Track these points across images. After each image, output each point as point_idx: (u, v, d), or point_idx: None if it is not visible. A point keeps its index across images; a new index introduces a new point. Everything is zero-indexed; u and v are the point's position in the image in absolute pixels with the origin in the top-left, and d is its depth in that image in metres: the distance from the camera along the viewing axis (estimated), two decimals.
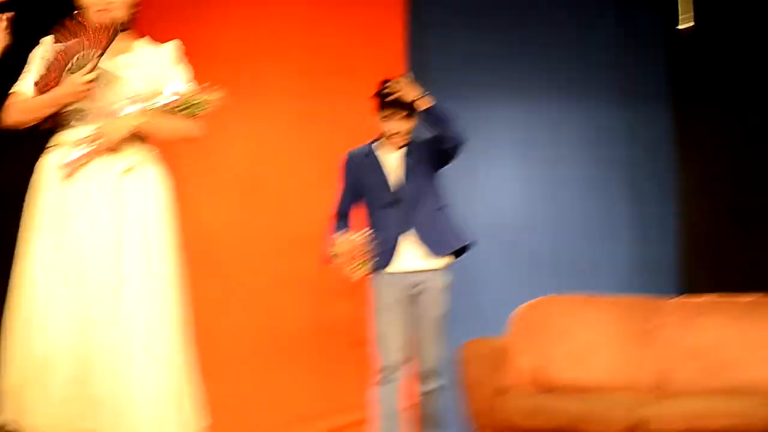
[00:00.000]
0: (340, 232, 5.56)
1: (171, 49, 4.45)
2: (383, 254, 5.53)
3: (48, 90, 4.23)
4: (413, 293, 5.53)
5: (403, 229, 5.55)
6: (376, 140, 5.73)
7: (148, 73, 4.34)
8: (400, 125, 5.62)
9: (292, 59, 6.82)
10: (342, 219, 5.71)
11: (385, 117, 5.63)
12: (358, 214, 5.74)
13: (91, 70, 4.17)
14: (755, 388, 5.58)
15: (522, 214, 7.09)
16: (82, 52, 4.20)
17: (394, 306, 5.50)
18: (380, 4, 6.91)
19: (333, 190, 5.88)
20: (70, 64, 4.21)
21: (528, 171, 7.14)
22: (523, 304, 6.10)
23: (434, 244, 5.56)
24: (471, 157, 6.16)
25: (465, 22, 7.09)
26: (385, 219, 5.58)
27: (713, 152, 6.89)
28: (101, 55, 4.20)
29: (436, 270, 5.54)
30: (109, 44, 4.20)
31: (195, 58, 6.29)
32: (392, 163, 5.68)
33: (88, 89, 4.18)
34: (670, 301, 6.09)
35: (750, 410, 5.17)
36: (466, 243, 5.62)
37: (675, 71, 7.11)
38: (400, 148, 5.66)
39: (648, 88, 7.15)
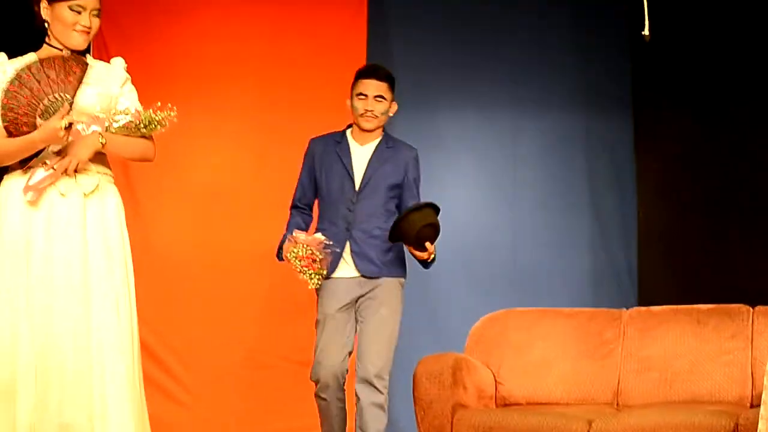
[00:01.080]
0: (297, 230, 5.33)
1: (120, 65, 4.45)
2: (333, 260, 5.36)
3: (20, 133, 4.19)
4: (358, 299, 5.38)
5: (353, 234, 5.38)
6: (343, 129, 5.54)
7: (102, 91, 4.35)
8: (374, 105, 5.41)
9: (250, 73, 6.90)
10: (300, 211, 5.53)
11: (358, 94, 5.43)
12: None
13: (66, 114, 4.14)
14: (711, 399, 5.63)
15: (481, 225, 7.15)
16: (53, 95, 4.17)
17: (336, 316, 5.34)
18: (341, 15, 6.96)
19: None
20: (41, 106, 4.18)
21: (487, 180, 7.20)
22: (480, 319, 6.13)
23: (365, 267, 5.39)
24: (430, 168, 6.22)
25: (426, 33, 7.16)
26: (337, 216, 5.42)
27: (673, 160, 6.96)
28: (74, 97, 4.18)
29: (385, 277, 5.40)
30: (80, 84, 4.20)
31: (153, 73, 6.35)
32: (361, 155, 5.48)
33: (66, 136, 4.16)
34: (627, 311, 6.13)
35: (706, 422, 5.21)
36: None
37: (635, 78, 7.17)
38: (371, 140, 5.45)
39: (607, 95, 7.22)
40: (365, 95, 5.40)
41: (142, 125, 4.28)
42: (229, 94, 6.86)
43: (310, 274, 5.22)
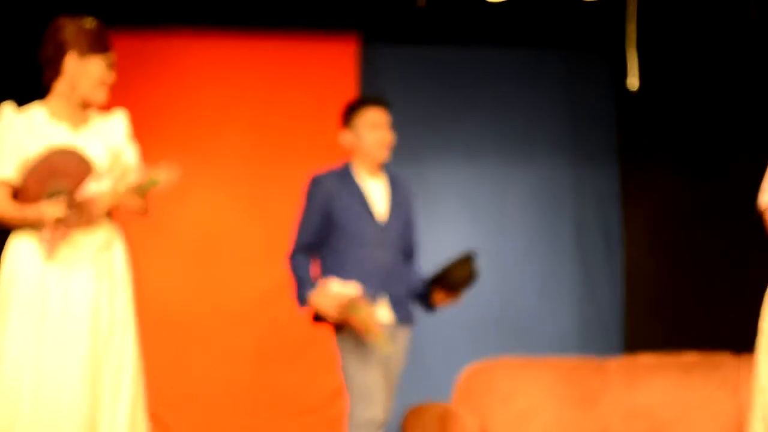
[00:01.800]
0: (330, 281, 4.87)
1: (123, 119, 4.46)
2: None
3: (24, 198, 4.22)
4: None
5: (386, 279, 5.02)
6: (344, 165, 5.15)
7: (109, 144, 4.36)
8: (390, 135, 5.12)
9: (241, 121, 6.96)
10: (305, 255, 5.04)
11: (372, 124, 5.10)
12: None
13: (64, 207, 4.17)
14: None
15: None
16: (62, 183, 4.20)
17: (377, 357, 4.93)
18: (333, 65, 7.03)
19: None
20: (49, 186, 4.20)
21: (474, 229, 7.25)
22: (467, 368, 6.18)
23: (402, 311, 5.07)
24: (418, 215, 6.27)
25: (415, 82, 7.23)
26: (363, 262, 5.01)
27: (660, 210, 7.04)
28: (74, 195, 4.21)
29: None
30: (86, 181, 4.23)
31: (143, 121, 6.41)
32: (376, 191, 5.13)
33: (56, 224, 4.19)
34: (614, 361, 6.21)
35: None
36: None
37: (622, 128, 7.25)
38: (379, 174, 5.14)
39: (595, 144, 7.30)
40: (379, 125, 5.11)
41: (146, 185, 4.30)
42: (220, 143, 6.92)
43: (376, 332, 4.83)
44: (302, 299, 4.93)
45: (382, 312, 4.98)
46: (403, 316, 5.07)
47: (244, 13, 6.84)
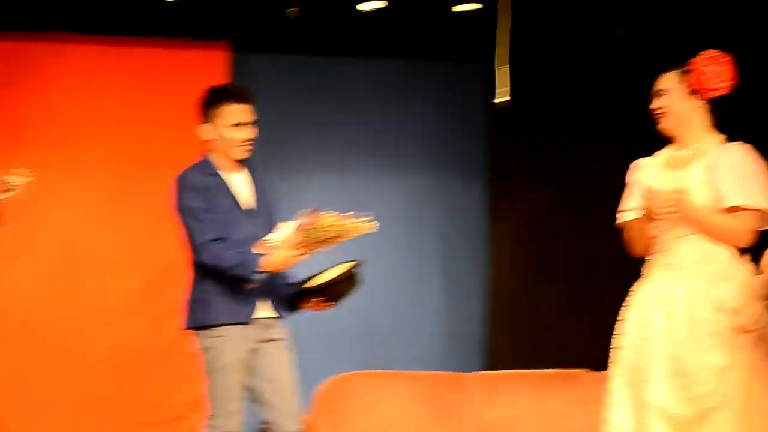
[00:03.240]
0: (265, 240, 4.99)
1: None
2: (239, 300, 5.07)
3: None
4: (263, 342, 5.14)
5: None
6: (204, 160, 5.23)
7: None
8: (252, 132, 5.20)
9: (111, 132, 6.96)
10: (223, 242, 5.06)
11: (238, 124, 5.15)
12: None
13: None
14: None
15: None
16: None
17: (243, 363, 5.09)
18: (202, 75, 6.99)
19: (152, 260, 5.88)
20: None
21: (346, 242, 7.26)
22: (326, 381, 6.21)
23: (281, 305, 5.18)
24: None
25: (285, 92, 7.27)
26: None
27: (525, 225, 7.18)
28: None
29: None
30: None
31: (9, 131, 6.34)
32: (239, 185, 5.22)
33: None
34: (473, 375, 6.33)
35: None
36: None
37: (491, 141, 7.35)
38: (241, 169, 5.22)
39: (465, 158, 7.39)
40: (242, 123, 5.17)
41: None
42: (86, 150, 6.93)
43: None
44: (253, 272, 4.96)
45: (265, 311, 5.08)
46: (281, 310, 5.18)
47: (113, 20, 6.88)
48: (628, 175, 4.90)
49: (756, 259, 4.67)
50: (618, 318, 4.77)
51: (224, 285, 5.06)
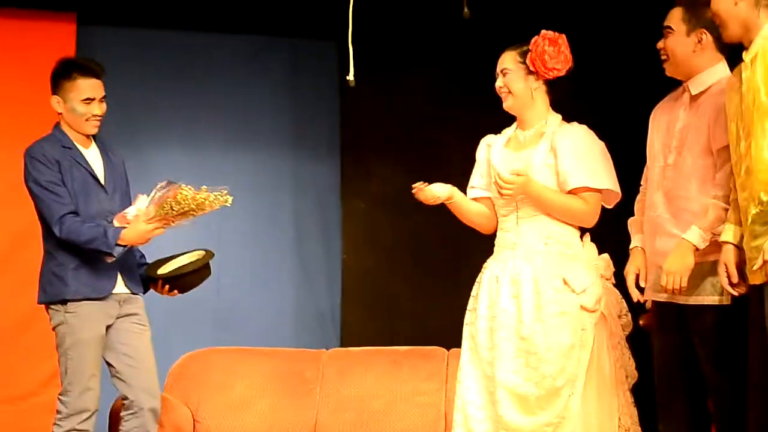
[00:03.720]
0: (125, 212, 5.02)
1: None
2: (94, 275, 5.07)
3: None
4: (119, 318, 5.17)
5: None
6: (56, 133, 5.20)
7: None
8: (102, 107, 5.19)
9: None
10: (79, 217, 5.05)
11: (88, 99, 5.14)
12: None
13: None
14: None
15: None
16: None
17: (99, 339, 5.10)
18: (49, 47, 6.89)
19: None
20: None
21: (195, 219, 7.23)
22: (181, 357, 6.19)
23: (134, 281, 5.23)
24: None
25: (136, 67, 7.20)
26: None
27: (377, 204, 7.26)
28: None
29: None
30: None
31: None
32: (92, 159, 5.22)
33: None
34: (327, 352, 6.36)
35: None
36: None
37: (343, 120, 7.40)
38: (91, 143, 5.22)
39: (317, 136, 7.43)
40: (92, 99, 5.17)
41: None
42: None
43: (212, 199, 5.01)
44: (111, 245, 4.96)
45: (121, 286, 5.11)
46: (135, 286, 5.23)
47: None
48: (477, 152, 5.02)
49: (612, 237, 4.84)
50: (470, 294, 4.88)
51: (79, 260, 5.05)
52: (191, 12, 7.17)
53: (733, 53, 4.37)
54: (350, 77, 5.42)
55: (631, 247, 4.78)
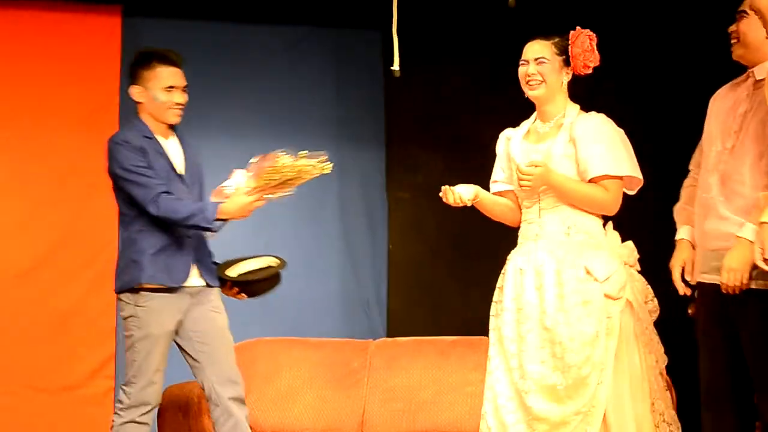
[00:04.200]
0: (223, 186, 5.04)
1: None
2: (171, 264, 5.07)
3: None
4: (194, 308, 5.16)
5: (196, 239, 5.14)
6: (137, 123, 5.19)
7: None
8: (184, 96, 5.21)
9: (3, 95, 6.87)
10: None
11: (170, 87, 5.16)
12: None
13: None
14: (454, 429, 5.95)
15: (233, 252, 7.17)
16: None
17: (168, 334, 5.10)
18: (95, 39, 6.99)
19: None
20: None
21: None
22: None
23: (210, 274, 5.21)
24: None
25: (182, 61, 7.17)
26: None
27: (423, 194, 7.23)
28: None
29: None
30: None
31: None
32: (172, 150, 5.21)
33: None
34: (374, 342, 6.38)
35: None
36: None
37: (388, 111, 7.40)
38: (171, 135, 5.23)
39: (362, 126, 7.43)
40: (174, 87, 5.18)
41: None
42: None
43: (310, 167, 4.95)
44: (211, 219, 4.96)
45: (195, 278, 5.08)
46: (211, 278, 5.20)
47: None
48: (496, 145, 5.04)
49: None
50: (496, 285, 4.89)
51: (158, 246, 5.04)
52: (235, 3, 7.19)
53: None
54: (395, 67, 5.44)
55: (677, 238, 4.76)
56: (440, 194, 4.88)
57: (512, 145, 4.94)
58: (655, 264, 4.88)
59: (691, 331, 4.69)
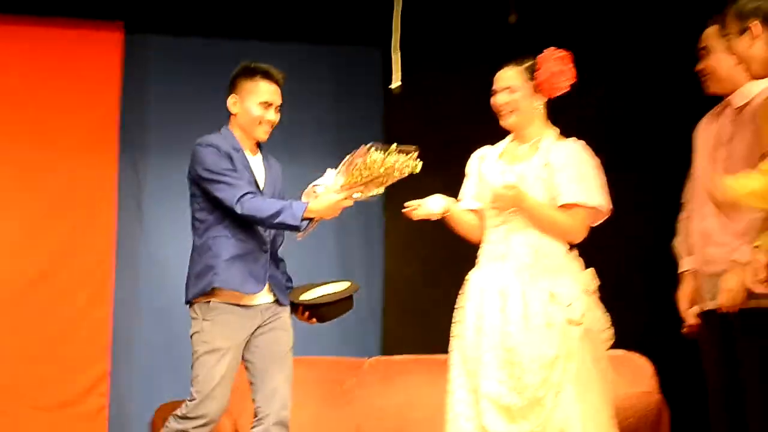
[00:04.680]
0: (313, 186, 5.02)
1: None
2: (249, 272, 5.01)
3: None
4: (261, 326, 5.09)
5: (271, 255, 5.10)
6: (227, 132, 5.17)
7: None
8: (276, 117, 5.18)
9: (4, 110, 6.88)
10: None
11: (264, 103, 5.13)
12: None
13: None
14: None
15: None
16: None
17: (236, 348, 5.03)
18: (96, 54, 7.00)
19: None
20: None
21: None
22: None
23: (282, 293, 5.15)
24: (181, 215, 6.26)
25: (180, 76, 7.25)
26: (255, 233, 5.05)
27: None
28: None
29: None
30: None
31: None
32: (257, 166, 5.18)
33: None
34: (369, 360, 6.36)
35: None
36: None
37: (387, 127, 7.39)
38: (257, 152, 5.20)
39: (360, 142, 7.36)
40: (270, 104, 5.16)
41: None
42: None
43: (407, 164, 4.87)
44: (298, 217, 4.89)
45: (266, 295, 5.03)
46: (283, 297, 5.14)
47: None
48: (468, 164, 5.02)
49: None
50: (456, 306, 4.86)
51: (234, 252, 4.96)
52: (235, 21, 7.20)
53: None
54: (395, 85, 5.43)
55: (680, 271, 4.75)
56: (403, 211, 4.86)
57: (485, 165, 4.96)
58: (612, 293, 4.88)
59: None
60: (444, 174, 7.19)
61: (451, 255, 7.20)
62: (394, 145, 4.87)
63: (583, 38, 6.57)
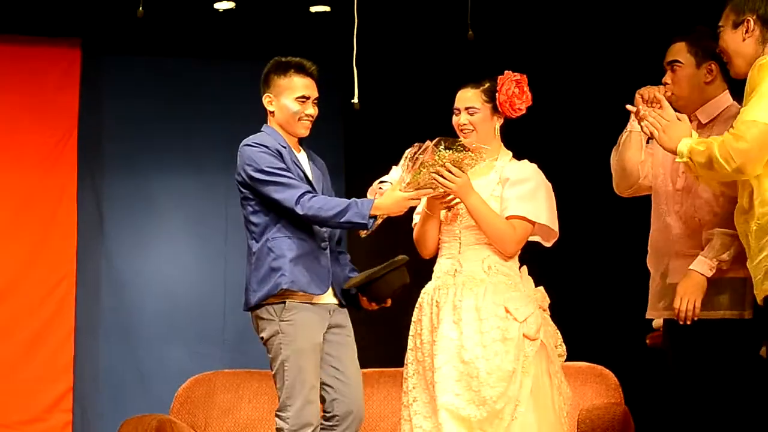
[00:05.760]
0: (378, 183, 4.92)
1: None
2: (314, 272, 4.91)
3: None
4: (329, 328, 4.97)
5: (332, 255, 5.03)
6: (269, 131, 5.02)
7: None
8: (315, 109, 5.04)
9: None
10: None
11: (301, 98, 4.99)
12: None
13: None
14: None
15: (192, 285, 7.21)
16: None
17: (317, 347, 4.88)
18: (54, 73, 6.96)
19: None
20: None
21: (199, 241, 7.31)
22: (188, 380, 6.23)
23: (342, 290, 5.03)
24: (141, 231, 6.28)
25: (140, 96, 7.24)
26: (310, 230, 4.93)
27: (380, 227, 7.20)
28: None
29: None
30: None
31: None
32: (304, 163, 5.08)
33: None
34: None
35: None
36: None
37: (347, 144, 7.43)
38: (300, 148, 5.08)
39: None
40: (307, 97, 5.03)
41: None
42: None
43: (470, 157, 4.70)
44: (365, 214, 4.82)
45: (331, 297, 4.96)
46: (344, 299, 5.06)
47: None
48: None
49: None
50: (413, 319, 4.90)
51: (297, 252, 4.86)
52: (191, 40, 7.23)
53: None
54: (355, 100, 5.46)
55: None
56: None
57: None
58: (576, 307, 4.95)
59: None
60: None
61: (416, 268, 7.27)
62: (459, 139, 4.77)
63: (540, 57, 6.67)
